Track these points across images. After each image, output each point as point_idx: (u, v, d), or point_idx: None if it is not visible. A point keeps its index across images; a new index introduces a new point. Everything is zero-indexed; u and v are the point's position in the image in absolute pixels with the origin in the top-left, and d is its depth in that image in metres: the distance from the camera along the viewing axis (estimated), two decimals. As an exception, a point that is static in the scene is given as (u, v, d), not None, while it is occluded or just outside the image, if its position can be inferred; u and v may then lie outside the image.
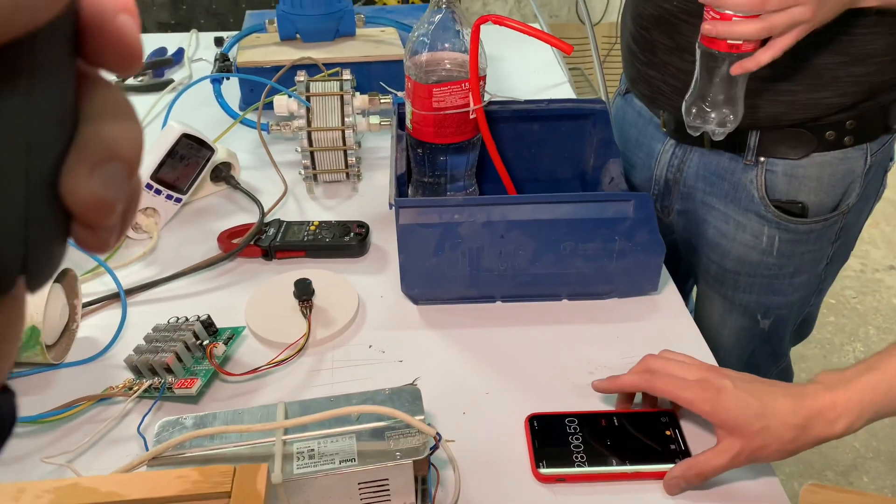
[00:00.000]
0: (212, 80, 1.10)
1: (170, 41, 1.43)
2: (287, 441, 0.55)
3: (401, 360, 0.75)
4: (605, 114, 0.93)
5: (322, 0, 1.16)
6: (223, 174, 1.00)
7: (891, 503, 1.33)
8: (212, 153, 0.95)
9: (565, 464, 0.63)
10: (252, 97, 1.16)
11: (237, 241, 0.88)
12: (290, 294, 0.79)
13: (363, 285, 0.84)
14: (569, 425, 0.67)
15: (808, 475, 1.69)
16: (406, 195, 0.90)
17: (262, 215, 0.92)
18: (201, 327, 0.74)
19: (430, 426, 0.56)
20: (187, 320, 0.76)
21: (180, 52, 1.39)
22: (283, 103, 0.99)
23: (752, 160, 0.91)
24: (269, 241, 0.88)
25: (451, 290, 0.81)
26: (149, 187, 0.90)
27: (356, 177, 1.02)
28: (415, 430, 0.56)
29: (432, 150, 0.86)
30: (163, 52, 1.39)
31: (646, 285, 0.82)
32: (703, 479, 0.61)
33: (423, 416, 0.56)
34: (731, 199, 0.95)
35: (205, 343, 0.73)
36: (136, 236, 0.92)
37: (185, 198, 0.94)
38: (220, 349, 0.72)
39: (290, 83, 1.01)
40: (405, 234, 0.77)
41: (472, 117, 0.84)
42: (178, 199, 0.93)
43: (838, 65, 0.83)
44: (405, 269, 0.80)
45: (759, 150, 0.90)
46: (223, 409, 0.60)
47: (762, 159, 0.90)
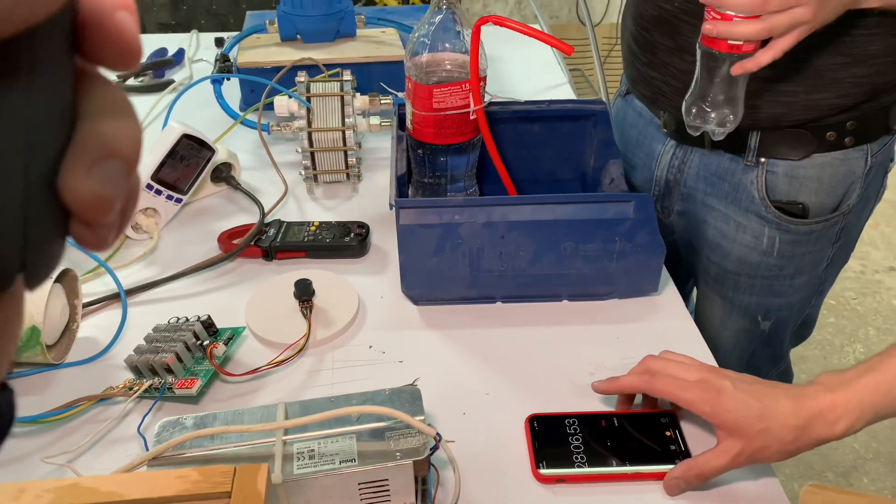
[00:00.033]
0: (212, 81, 1.10)
1: (170, 42, 1.43)
2: (287, 441, 0.55)
3: (401, 361, 0.75)
4: (605, 115, 0.93)
5: (323, 1, 1.16)
6: (224, 175, 1.00)
7: (891, 505, 1.33)
8: (212, 154, 0.95)
9: (565, 464, 0.63)
10: (252, 98, 1.16)
11: (237, 241, 0.88)
12: (290, 294, 0.79)
13: (363, 286, 0.84)
14: (569, 426, 0.67)
15: (809, 476, 1.69)
16: (406, 196, 0.90)
17: (263, 216, 0.92)
18: (201, 327, 0.74)
19: (431, 427, 0.56)
20: (188, 320, 0.76)
21: (181, 53, 1.39)
22: (283, 104, 0.99)
23: (752, 161, 0.91)
24: (269, 242, 0.88)
25: (451, 290, 0.81)
26: (149, 188, 0.90)
27: (356, 177, 1.02)
28: (415, 431, 0.56)
29: (433, 151, 0.86)
30: (163, 52, 1.39)
31: (646, 286, 0.82)
32: (703, 480, 0.61)
33: (423, 417, 0.56)
34: (732, 199, 0.95)
35: (205, 343, 0.73)
36: (137, 236, 0.92)
37: (186, 198, 0.94)
38: (221, 349, 0.72)
39: (290, 84, 1.01)
40: (405, 234, 0.77)
41: (472, 118, 0.84)
42: (178, 200, 0.93)
43: (839, 66, 0.83)
44: (405, 269, 0.80)
45: (759, 150, 0.90)
46: (223, 409, 0.60)
47: (763, 160, 0.90)
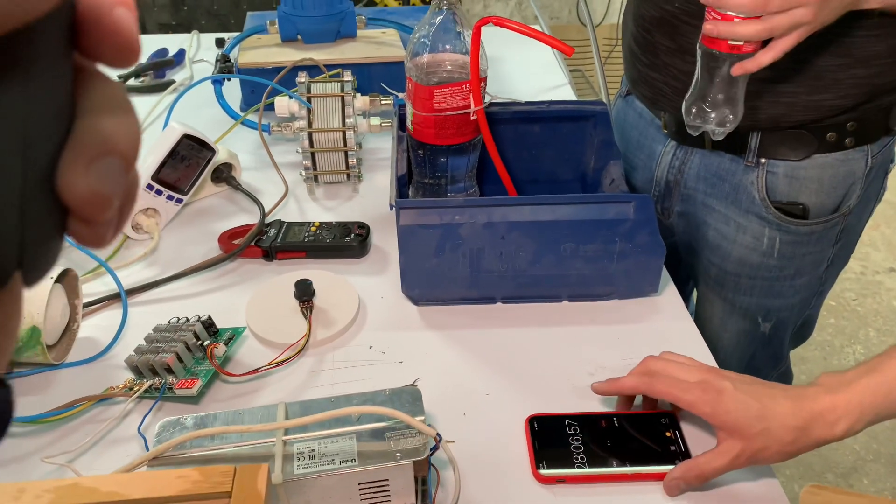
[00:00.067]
0: (213, 81, 1.10)
1: (171, 42, 1.43)
2: (287, 441, 0.55)
3: (401, 361, 0.75)
4: (605, 115, 0.93)
5: (323, 1, 1.16)
6: (224, 175, 1.00)
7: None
8: (213, 154, 0.95)
9: (565, 465, 0.63)
10: (253, 98, 1.16)
11: (238, 241, 0.88)
12: (290, 295, 0.79)
13: (364, 286, 0.84)
14: (569, 426, 0.67)
15: (809, 477, 1.69)
16: (407, 196, 0.90)
17: (263, 216, 0.92)
18: (202, 328, 0.74)
19: (431, 427, 0.56)
20: (188, 321, 0.76)
21: (181, 53, 1.39)
22: (284, 104, 0.99)
23: (752, 161, 0.91)
24: (269, 242, 0.88)
25: (451, 291, 0.81)
26: (150, 188, 0.90)
27: (357, 178, 1.02)
28: (415, 431, 0.56)
29: (433, 152, 0.86)
30: (164, 52, 1.39)
31: (646, 287, 0.82)
32: (703, 481, 0.61)
33: (423, 417, 0.56)
34: (732, 200, 0.95)
35: (205, 343, 0.73)
36: (137, 237, 0.92)
37: (186, 198, 0.94)
38: (221, 349, 0.72)
39: (291, 84, 1.01)
40: (406, 235, 0.77)
41: (472, 119, 0.84)
42: (178, 200, 0.93)
43: (839, 66, 0.83)
44: (406, 270, 0.80)
45: (759, 151, 0.90)
46: (224, 409, 0.60)
47: (763, 161, 0.90)
